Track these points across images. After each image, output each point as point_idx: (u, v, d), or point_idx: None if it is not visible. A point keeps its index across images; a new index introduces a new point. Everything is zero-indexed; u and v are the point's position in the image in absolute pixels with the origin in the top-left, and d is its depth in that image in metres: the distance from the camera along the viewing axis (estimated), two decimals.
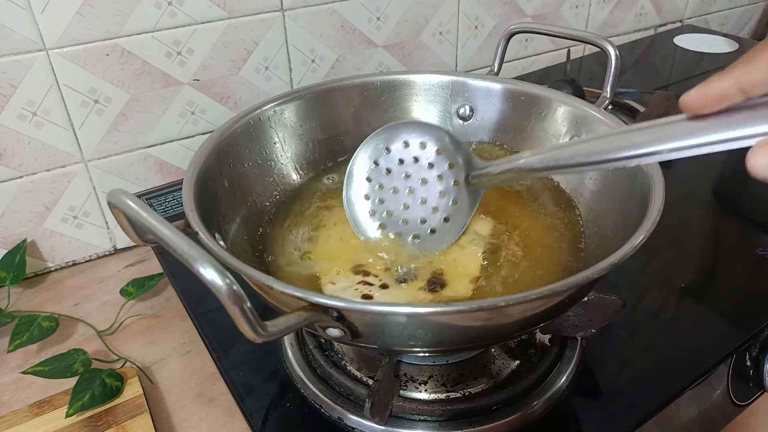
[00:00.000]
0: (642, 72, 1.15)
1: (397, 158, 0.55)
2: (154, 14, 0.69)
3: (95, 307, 0.69)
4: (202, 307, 0.63)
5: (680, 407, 0.55)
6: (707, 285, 0.65)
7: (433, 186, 0.53)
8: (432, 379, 0.52)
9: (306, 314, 0.36)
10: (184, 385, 0.59)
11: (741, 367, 0.61)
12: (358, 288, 0.51)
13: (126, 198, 0.36)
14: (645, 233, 0.40)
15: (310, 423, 0.51)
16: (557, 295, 0.39)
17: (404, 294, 0.50)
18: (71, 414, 0.53)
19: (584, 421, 0.51)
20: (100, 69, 0.68)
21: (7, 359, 0.62)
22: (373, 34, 0.88)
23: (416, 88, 0.66)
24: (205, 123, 0.79)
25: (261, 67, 0.80)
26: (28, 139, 0.67)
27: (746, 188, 0.82)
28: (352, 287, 0.51)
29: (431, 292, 0.50)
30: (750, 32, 1.48)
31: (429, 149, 0.53)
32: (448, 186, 0.53)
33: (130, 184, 0.76)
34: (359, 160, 0.56)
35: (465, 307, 0.35)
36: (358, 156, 0.55)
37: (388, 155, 0.55)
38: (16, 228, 0.71)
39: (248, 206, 0.58)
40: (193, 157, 0.51)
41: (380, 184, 0.55)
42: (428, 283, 0.51)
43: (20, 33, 0.63)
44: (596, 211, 0.55)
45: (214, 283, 0.31)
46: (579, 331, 0.52)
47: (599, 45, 0.63)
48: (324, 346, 0.56)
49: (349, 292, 0.50)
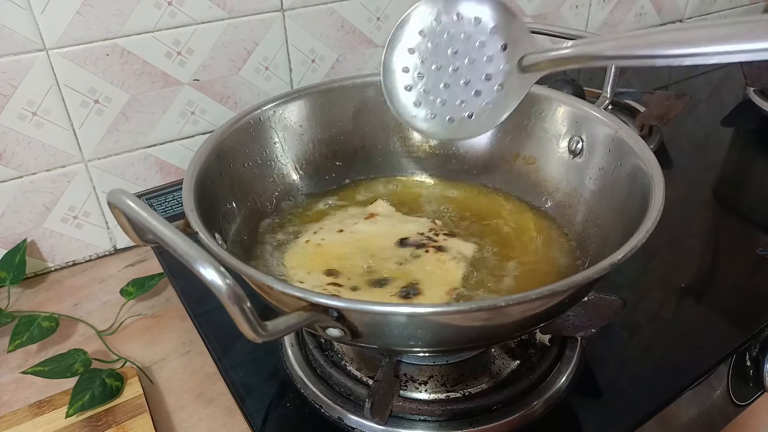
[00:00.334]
0: (642, 72, 1.15)
1: (447, 32, 0.49)
2: (154, 14, 0.69)
3: (95, 307, 0.69)
4: (202, 307, 0.63)
5: (680, 407, 0.55)
6: (707, 285, 0.65)
7: (480, 67, 0.48)
8: (432, 379, 0.52)
9: (306, 314, 0.36)
10: (184, 385, 0.59)
11: (741, 367, 0.61)
12: (326, 289, 0.50)
13: (126, 198, 0.36)
14: (645, 233, 0.40)
15: (310, 423, 0.51)
16: (557, 295, 0.39)
17: (374, 297, 0.49)
18: (71, 414, 0.53)
19: (584, 421, 0.51)
20: (100, 69, 0.68)
21: (7, 359, 0.62)
22: (373, 34, 0.87)
23: None
24: (205, 123, 0.79)
25: (261, 67, 0.80)
26: (28, 139, 0.67)
27: (746, 188, 0.82)
28: (321, 287, 0.50)
29: (403, 299, 0.49)
30: None
31: (483, 26, 0.47)
32: (497, 69, 0.47)
33: (130, 184, 0.76)
34: (407, 27, 0.50)
35: (465, 307, 0.35)
36: (407, 21, 0.50)
37: (437, 27, 0.49)
38: (16, 228, 0.71)
39: (248, 206, 0.58)
40: (193, 157, 0.51)
41: (423, 57, 0.50)
42: (402, 290, 0.50)
43: (20, 33, 0.63)
44: (596, 211, 0.55)
45: (214, 283, 0.31)
46: (579, 331, 0.52)
47: None
48: (324, 346, 0.56)
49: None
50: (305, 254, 0.56)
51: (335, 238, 0.57)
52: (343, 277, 0.52)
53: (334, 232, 0.58)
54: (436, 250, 0.55)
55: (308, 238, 0.58)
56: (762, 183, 0.83)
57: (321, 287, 0.50)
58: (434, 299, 0.50)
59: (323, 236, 0.58)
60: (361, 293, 0.50)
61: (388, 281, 0.52)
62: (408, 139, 0.68)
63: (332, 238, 0.57)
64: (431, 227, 0.59)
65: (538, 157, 0.63)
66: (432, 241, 0.57)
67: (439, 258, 0.54)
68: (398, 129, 0.68)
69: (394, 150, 0.68)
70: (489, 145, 0.66)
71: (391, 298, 0.49)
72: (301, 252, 0.56)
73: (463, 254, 0.55)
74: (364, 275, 0.53)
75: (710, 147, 0.92)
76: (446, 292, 0.51)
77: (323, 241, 0.57)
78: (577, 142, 0.59)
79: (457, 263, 0.54)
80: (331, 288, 0.50)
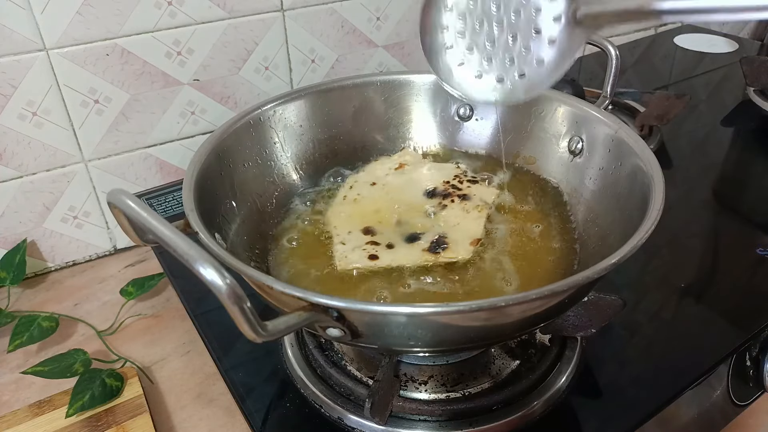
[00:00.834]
0: (642, 72, 1.15)
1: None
2: (154, 14, 0.69)
3: (95, 307, 0.69)
4: (202, 307, 0.63)
5: (680, 407, 0.55)
6: (707, 285, 0.65)
7: (527, 20, 0.43)
8: (432, 379, 0.52)
9: (306, 314, 0.36)
10: (184, 385, 0.59)
11: (741, 367, 0.61)
12: (366, 249, 0.54)
13: (126, 198, 0.36)
14: (645, 233, 0.40)
15: (310, 423, 0.51)
16: (557, 295, 0.39)
17: (408, 253, 0.53)
18: (71, 414, 0.53)
19: (584, 421, 0.51)
20: (100, 69, 0.68)
21: (7, 359, 0.62)
22: (373, 34, 0.87)
23: (416, 88, 0.66)
24: (205, 123, 0.79)
25: (261, 67, 0.80)
26: (28, 139, 0.67)
27: (746, 188, 0.82)
28: (361, 247, 0.54)
29: (434, 254, 0.53)
30: (750, 32, 1.48)
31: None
32: (548, 21, 0.42)
33: (130, 184, 0.76)
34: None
35: (465, 307, 0.35)
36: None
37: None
38: (16, 228, 0.71)
39: (248, 206, 0.58)
40: (193, 157, 0.51)
41: (463, 12, 0.46)
42: (432, 243, 0.54)
43: (20, 33, 0.63)
44: (596, 211, 0.55)
45: (214, 283, 0.31)
46: (579, 331, 0.52)
47: (599, 45, 0.63)
48: (324, 346, 0.56)
49: (357, 253, 0.54)
50: (344, 213, 0.59)
51: (369, 192, 0.61)
52: (380, 235, 0.56)
53: (368, 185, 0.62)
54: (460, 199, 0.59)
55: (345, 194, 0.61)
56: (762, 183, 0.83)
57: (361, 248, 0.54)
58: (460, 252, 0.53)
59: (359, 191, 0.62)
60: (397, 250, 0.54)
61: (419, 236, 0.56)
62: (408, 139, 0.68)
63: (366, 192, 0.61)
64: (455, 174, 0.63)
65: (538, 157, 0.63)
66: (456, 189, 0.61)
67: (463, 207, 0.58)
68: (398, 129, 0.68)
69: (394, 150, 0.68)
70: (489, 145, 0.66)
71: (423, 253, 0.53)
72: (340, 210, 0.60)
73: (486, 201, 0.59)
74: (398, 230, 0.56)
75: (710, 147, 0.92)
76: (471, 243, 0.54)
77: (359, 197, 0.61)
78: (577, 142, 0.59)
79: (480, 211, 0.58)
80: (370, 247, 0.54)
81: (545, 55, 0.43)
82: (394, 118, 0.67)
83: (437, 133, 0.68)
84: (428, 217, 0.58)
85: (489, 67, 0.46)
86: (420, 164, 0.65)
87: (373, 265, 0.53)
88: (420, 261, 0.53)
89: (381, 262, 0.53)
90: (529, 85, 0.44)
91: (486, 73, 0.46)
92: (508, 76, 0.45)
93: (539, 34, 0.43)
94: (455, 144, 0.68)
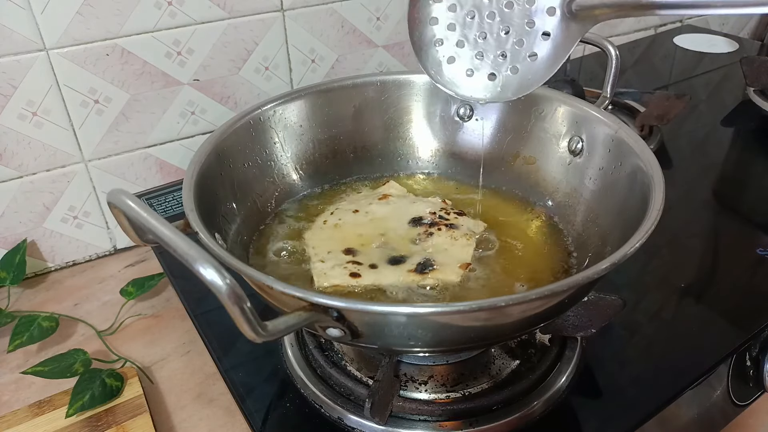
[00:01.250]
0: (642, 72, 1.15)
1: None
2: (154, 14, 0.69)
3: (95, 307, 0.69)
4: (202, 307, 0.63)
5: (680, 407, 0.55)
6: (707, 285, 0.65)
7: (520, 12, 0.42)
8: (432, 379, 0.52)
9: (306, 314, 0.36)
10: (184, 385, 0.59)
11: (741, 367, 0.60)
12: (346, 267, 0.52)
13: (126, 198, 0.36)
14: (645, 233, 0.40)
15: (310, 423, 0.51)
16: (557, 295, 0.39)
17: (393, 274, 0.52)
18: (71, 414, 0.53)
19: (584, 421, 0.51)
20: (100, 69, 0.68)
21: (7, 359, 0.62)
22: (373, 34, 0.87)
23: (416, 88, 0.66)
24: (205, 123, 0.79)
25: (261, 67, 0.80)
26: (28, 139, 0.67)
27: (746, 188, 0.82)
28: (342, 265, 0.53)
29: (420, 274, 0.52)
30: (750, 32, 1.48)
31: None
32: (542, 14, 0.41)
33: (130, 184, 0.76)
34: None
35: (465, 307, 0.35)
36: None
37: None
38: (16, 228, 0.71)
39: (248, 206, 0.58)
40: (193, 157, 0.51)
41: (453, 3, 0.44)
42: (418, 265, 0.53)
43: (20, 33, 0.63)
44: (596, 211, 0.55)
45: (214, 283, 0.31)
46: (579, 331, 0.52)
47: (599, 45, 0.63)
48: (324, 346, 0.56)
49: (337, 270, 0.52)
50: (324, 234, 0.58)
51: (351, 219, 0.60)
52: (362, 255, 0.54)
53: (350, 212, 0.61)
54: (448, 228, 0.58)
55: (326, 219, 0.60)
56: (762, 183, 0.83)
57: (342, 265, 0.52)
58: (449, 274, 0.52)
59: (340, 216, 0.60)
60: (380, 270, 0.52)
61: (404, 258, 0.54)
62: (408, 139, 0.68)
63: (348, 218, 0.60)
64: (442, 206, 0.62)
65: (538, 157, 0.63)
66: (444, 219, 0.59)
67: (451, 235, 0.57)
68: (398, 129, 0.68)
69: (394, 150, 0.68)
70: (489, 145, 0.66)
71: (409, 273, 0.52)
72: (320, 232, 0.58)
73: (474, 231, 0.58)
74: (382, 253, 0.55)
75: (710, 147, 0.92)
76: (460, 266, 0.53)
77: (340, 221, 0.59)
78: (577, 142, 0.59)
79: (468, 239, 0.56)
80: (351, 266, 0.53)
81: (539, 49, 0.42)
82: (394, 118, 0.67)
83: (437, 133, 0.68)
84: (414, 243, 0.56)
85: (480, 64, 0.45)
86: (405, 197, 0.64)
87: (355, 284, 0.51)
88: (406, 281, 0.51)
89: (363, 281, 0.51)
90: (522, 82, 0.43)
91: (477, 69, 0.45)
92: (500, 72, 0.44)
93: (533, 27, 0.41)
94: (455, 144, 0.68)
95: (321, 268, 0.53)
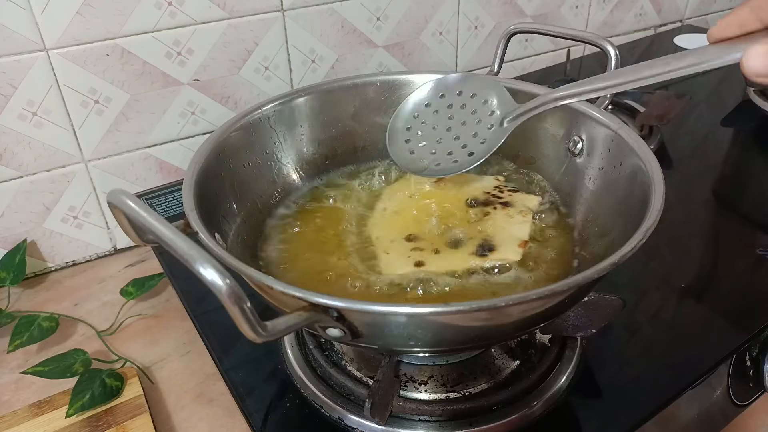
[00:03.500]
0: None
1: (447, 103, 0.59)
2: (154, 14, 0.69)
3: (95, 307, 0.69)
4: (202, 307, 0.63)
5: (680, 407, 0.55)
6: (707, 285, 0.65)
7: (470, 128, 0.57)
8: (432, 379, 0.52)
9: (306, 314, 0.36)
10: (184, 385, 0.59)
11: (741, 367, 0.60)
12: (411, 255, 0.53)
13: (126, 198, 0.36)
14: (645, 233, 0.40)
15: (310, 423, 0.51)
16: (557, 295, 0.39)
17: (455, 258, 0.53)
18: (71, 414, 0.53)
19: (584, 421, 0.51)
20: (100, 69, 0.68)
21: (7, 359, 0.62)
22: (373, 34, 0.88)
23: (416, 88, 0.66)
24: (205, 123, 0.79)
25: (261, 67, 0.80)
26: (28, 139, 0.67)
27: (746, 188, 0.82)
28: (406, 255, 0.54)
29: (481, 257, 0.53)
30: None
31: (477, 99, 0.58)
32: (485, 129, 0.56)
33: (130, 184, 0.76)
34: (413, 98, 0.61)
35: (465, 307, 0.35)
36: (413, 95, 0.61)
37: (440, 99, 0.60)
38: (16, 228, 0.71)
39: (248, 206, 0.58)
40: (193, 157, 0.51)
41: (424, 121, 0.60)
42: (478, 247, 0.54)
43: (20, 33, 0.63)
44: (596, 211, 0.55)
45: (214, 283, 0.31)
46: (579, 331, 0.52)
47: (599, 45, 0.63)
48: (324, 346, 0.56)
49: (403, 260, 0.53)
50: (385, 223, 0.59)
51: (408, 204, 0.61)
52: (424, 241, 0.56)
53: (406, 198, 0.62)
54: (503, 206, 0.59)
55: (385, 206, 0.61)
56: (762, 183, 0.83)
57: (406, 254, 0.54)
58: (508, 254, 0.53)
59: (397, 203, 0.61)
60: (443, 255, 0.54)
61: (463, 241, 0.55)
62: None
63: (406, 204, 0.61)
64: (496, 184, 0.63)
65: (537, 157, 0.63)
66: (498, 198, 0.61)
67: (507, 213, 0.58)
68: None
69: None
70: None
71: (470, 256, 0.53)
72: (380, 221, 0.59)
73: (529, 207, 0.59)
74: (442, 237, 0.56)
75: (710, 147, 0.92)
76: (519, 245, 0.54)
77: (398, 207, 0.60)
78: (577, 142, 0.59)
79: (524, 215, 0.58)
80: (415, 254, 0.54)
81: (476, 149, 0.56)
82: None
83: None
84: (471, 224, 0.58)
85: (432, 157, 0.58)
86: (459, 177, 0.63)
87: (419, 272, 0.52)
88: (468, 264, 0.52)
89: (428, 268, 0.52)
90: (457, 168, 0.56)
91: (428, 159, 0.58)
92: (444, 162, 0.57)
93: (476, 137, 0.57)
94: None
95: (387, 260, 0.54)
